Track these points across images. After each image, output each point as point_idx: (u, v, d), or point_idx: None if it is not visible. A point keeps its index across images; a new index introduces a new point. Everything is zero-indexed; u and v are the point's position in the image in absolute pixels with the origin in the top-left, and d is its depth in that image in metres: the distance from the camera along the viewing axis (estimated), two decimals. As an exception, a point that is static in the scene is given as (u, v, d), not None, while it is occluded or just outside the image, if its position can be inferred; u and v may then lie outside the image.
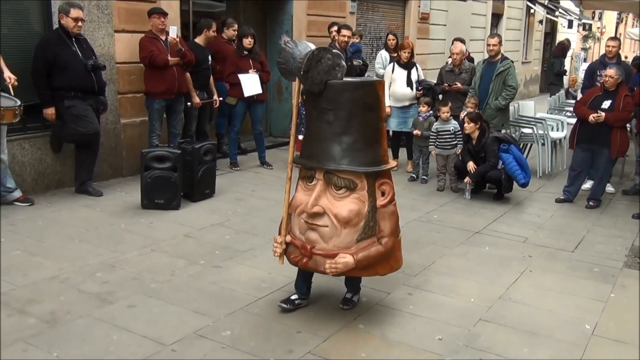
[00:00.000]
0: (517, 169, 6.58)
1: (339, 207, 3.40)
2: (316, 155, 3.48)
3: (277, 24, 9.76)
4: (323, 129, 3.45)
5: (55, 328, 3.52)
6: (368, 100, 3.46)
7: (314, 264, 3.50)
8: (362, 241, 3.46)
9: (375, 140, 3.52)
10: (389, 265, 3.64)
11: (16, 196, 5.83)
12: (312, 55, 3.37)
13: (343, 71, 3.46)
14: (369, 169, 3.45)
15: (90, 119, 6.12)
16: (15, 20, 6.12)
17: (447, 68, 8.27)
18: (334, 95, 3.41)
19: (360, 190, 3.44)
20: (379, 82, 3.61)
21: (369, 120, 3.47)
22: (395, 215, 3.60)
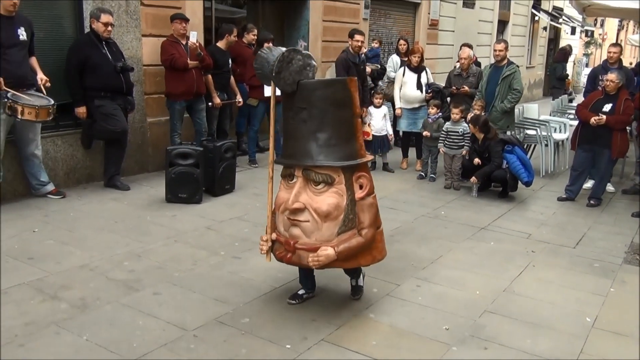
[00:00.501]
0: (521, 168, 6.54)
1: (318, 202, 3.33)
2: (294, 154, 3.42)
3: (294, 29, 9.75)
4: (299, 127, 3.38)
5: (85, 313, 3.54)
6: (339, 97, 3.36)
7: (298, 259, 3.43)
8: (343, 234, 3.38)
9: (350, 136, 3.42)
10: (371, 255, 3.56)
11: (49, 189, 5.88)
12: (283, 57, 3.31)
13: (314, 71, 3.40)
14: (344, 163, 3.36)
15: (118, 118, 6.15)
16: (49, 24, 6.16)
17: (456, 72, 8.23)
18: (307, 94, 3.34)
19: (338, 184, 3.37)
20: (349, 79, 3.47)
21: (341, 116, 3.38)
22: (374, 207, 3.51)
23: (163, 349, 3.18)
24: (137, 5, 6.81)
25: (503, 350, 3.36)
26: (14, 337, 3.21)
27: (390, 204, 6.38)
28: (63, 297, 3.73)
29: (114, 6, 6.48)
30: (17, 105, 5.15)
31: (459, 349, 3.35)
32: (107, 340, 3.23)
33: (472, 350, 3.35)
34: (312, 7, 9.58)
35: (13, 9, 5.25)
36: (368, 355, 3.23)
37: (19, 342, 3.17)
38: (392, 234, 5.34)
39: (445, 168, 7.32)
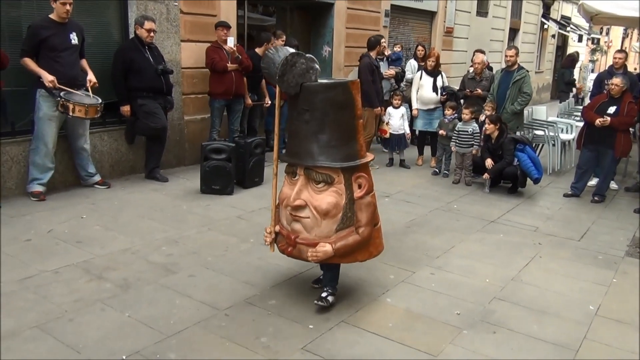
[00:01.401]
0: (531, 166, 6.44)
1: (318, 200, 3.24)
2: (297, 153, 3.31)
3: (319, 35, 9.72)
4: (302, 128, 3.27)
5: (127, 292, 3.58)
6: (340, 100, 3.22)
7: (298, 252, 3.36)
8: (341, 231, 3.29)
9: (350, 137, 3.28)
10: (368, 252, 3.45)
11: (96, 180, 5.95)
12: (286, 61, 3.19)
13: (317, 74, 3.28)
14: (343, 164, 3.25)
15: (159, 116, 6.19)
16: (98, 30, 6.23)
17: (469, 76, 8.13)
18: (309, 96, 3.22)
19: (338, 184, 3.26)
20: (352, 82, 3.30)
21: (342, 118, 3.24)
22: (371, 205, 3.37)
23: (197, 326, 3.20)
24: (177, 13, 6.84)
25: (511, 335, 3.32)
26: (64, 312, 3.27)
27: (406, 197, 6.34)
28: (108, 278, 3.78)
29: (156, 14, 6.52)
30: (69, 104, 5.22)
31: (469, 333, 3.31)
32: (147, 317, 3.27)
33: (482, 334, 3.31)
34: (336, 15, 9.52)
35: (66, 16, 5.31)
36: (385, 336, 3.21)
37: (69, 317, 3.22)
38: (408, 226, 5.30)
39: (456, 165, 7.25)
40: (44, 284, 3.61)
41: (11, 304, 3.32)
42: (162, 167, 6.62)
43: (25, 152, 5.46)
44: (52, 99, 5.28)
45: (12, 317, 3.18)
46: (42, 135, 5.36)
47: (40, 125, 5.36)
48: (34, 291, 3.51)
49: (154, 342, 3.00)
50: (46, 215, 4.94)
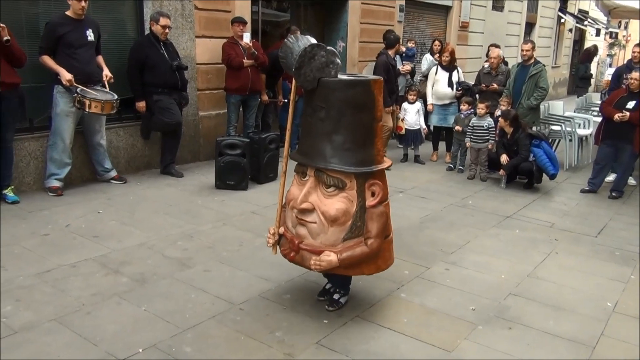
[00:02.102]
0: (548, 161, 6.39)
1: (327, 205, 3.02)
2: (309, 152, 3.10)
3: (333, 30, 9.69)
4: (316, 126, 3.06)
5: (143, 286, 3.61)
6: (360, 100, 3.01)
7: (301, 259, 3.15)
8: (349, 240, 3.06)
9: (367, 141, 3.07)
10: (375, 265, 3.21)
11: (112, 175, 6.01)
12: (305, 52, 2.95)
13: (337, 69, 3.04)
14: (357, 170, 3.02)
15: (174, 111, 6.23)
16: (113, 27, 6.27)
17: (485, 70, 8.06)
18: (326, 93, 3.00)
19: (350, 189, 3.04)
20: (374, 80, 3.07)
21: (360, 120, 3.02)
22: (384, 216, 3.13)
23: (212, 320, 3.22)
24: (192, 9, 6.87)
25: (527, 331, 3.30)
26: (81, 305, 3.31)
27: (420, 193, 6.32)
28: (124, 272, 3.81)
29: (171, 10, 6.55)
30: (85, 100, 5.27)
31: (484, 328, 3.29)
32: (163, 311, 3.29)
33: (497, 329, 3.29)
34: (350, 10, 9.50)
35: (82, 13, 5.35)
36: (400, 331, 3.21)
37: (87, 310, 3.26)
38: (422, 221, 5.28)
39: (471, 161, 7.20)
40: (61, 278, 3.66)
41: (30, 297, 3.37)
42: (177, 163, 6.66)
43: (43, 147, 5.52)
44: (69, 95, 5.33)
45: (31, 310, 3.23)
46: (59, 131, 5.42)
47: (57, 121, 5.42)
48: (52, 285, 3.56)
49: (169, 336, 3.02)
50: (63, 210, 5.00)
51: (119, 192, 5.67)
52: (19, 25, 5.27)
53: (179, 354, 2.86)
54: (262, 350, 2.94)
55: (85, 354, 2.82)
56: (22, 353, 2.80)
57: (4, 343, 2.88)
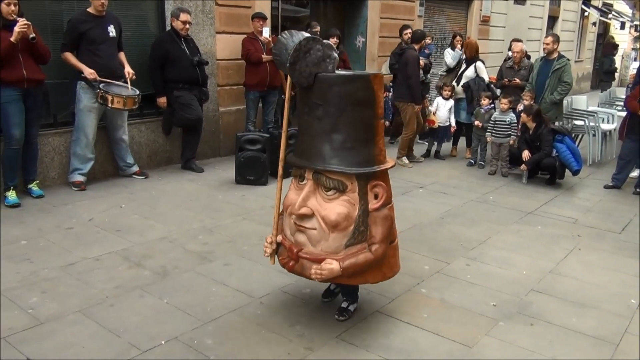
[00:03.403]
0: (571, 157, 6.30)
1: (327, 210, 2.83)
2: (306, 153, 2.90)
3: (353, 26, 9.67)
4: (313, 125, 2.86)
5: (165, 279, 3.66)
6: (360, 96, 2.82)
7: (301, 268, 2.94)
8: (352, 247, 2.87)
9: (369, 139, 2.88)
10: (381, 273, 3.03)
11: (134, 170, 6.08)
12: (300, 46, 2.77)
13: (334, 63, 2.85)
14: (359, 170, 2.82)
15: (194, 107, 6.27)
16: (135, 23, 6.34)
17: (507, 65, 7.96)
18: (324, 89, 2.81)
19: (351, 192, 2.84)
20: (374, 75, 2.89)
21: (361, 117, 2.84)
22: (388, 219, 2.94)
23: (233, 313, 3.25)
24: (212, 5, 6.91)
25: (549, 327, 3.26)
26: (105, 298, 3.36)
27: (441, 188, 6.28)
28: (146, 265, 3.87)
29: (192, 6, 6.60)
30: (108, 95, 5.34)
31: (505, 324, 3.27)
32: (185, 303, 3.33)
33: (519, 325, 3.27)
34: (370, 5, 9.46)
35: (102, 9, 5.42)
36: (420, 326, 3.20)
37: (110, 302, 3.31)
38: (443, 217, 5.25)
39: (492, 156, 7.14)
40: (85, 271, 3.72)
41: (55, 289, 3.44)
42: (198, 158, 6.72)
43: (67, 143, 5.61)
44: (92, 91, 5.41)
45: (56, 301, 3.29)
46: (82, 127, 5.50)
47: (80, 117, 5.50)
48: (76, 277, 3.62)
49: (191, 328, 3.06)
50: (87, 204, 5.08)
51: (141, 187, 5.73)
52: (42, 23, 5.36)
53: (201, 346, 2.90)
54: (282, 344, 2.96)
55: (109, 344, 2.87)
56: (49, 343, 2.86)
57: (31, 334, 2.94)
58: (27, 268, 3.72)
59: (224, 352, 2.86)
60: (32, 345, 2.84)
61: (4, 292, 3.37)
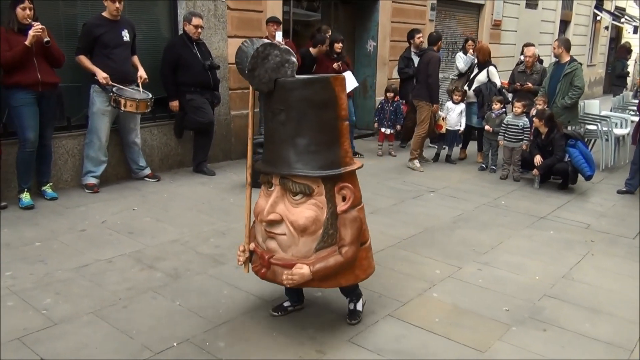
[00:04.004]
0: (584, 162, 6.26)
1: (295, 214, 2.80)
2: (272, 160, 2.88)
3: (364, 30, 9.69)
4: (277, 131, 2.84)
5: (177, 281, 3.68)
6: (321, 98, 2.79)
7: (273, 275, 2.91)
8: (322, 250, 2.84)
9: (333, 141, 2.84)
10: (353, 275, 2.99)
11: (146, 173, 6.12)
12: (257, 53, 2.75)
13: (293, 68, 2.85)
14: (324, 173, 2.79)
15: (206, 111, 6.31)
16: (148, 27, 6.40)
17: (519, 69, 7.93)
18: (284, 94, 2.79)
19: (318, 195, 2.82)
20: (334, 77, 2.86)
21: (323, 119, 2.80)
22: (357, 221, 2.90)
23: (245, 316, 3.26)
24: (224, 9, 6.95)
25: (562, 333, 3.24)
26: (118, 299, 3.38)
27: (452, 192, 6.26)
28: (158, 267, 3.89)
29: (204, 10, 6.65)
30: (121, 99, 5.39)
31: (518, 329, 3.25)
32: (197, 306, 3.34)
33: (532, 331, 3.25)
34: (381, 9, 9.48)
35: (117, 14, 5.48)
36: (431, 330, 3.19)
37: (123, 304, 3.33)
38: (454, 221, 5.24)
39: (504, 160, 7.11)
40: (98, 272, 3.75)
41: (69, 291, 3.47)
42: (209, 161, 6.74)
43: (80, 145, 5.66)
44: (105, 95, 5.46)
45: (70, 303, 3.32)
46: (95, 130, 5.55)
47: (94, 120, 5.55)
48: (89, 279, 3.65)
49: (203, 331, 3.07)
50: (100, 207, 5.12)
51: (153, 190, 5.77)
52: (57, 26, 5.42)
53: (213, 349, 2.91)
54: (294, 347, 2.97)
55: (122, 346, 2.89)
56: (63, 344, 2.88)
57: (45, 334, 2.97)
58: (41, 269, 3.76)
59: (235, 355, 2.87)
60: (46, 346, 2.86)
61: (19, 293, 3.41)
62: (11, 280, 3.57)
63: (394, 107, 8.08)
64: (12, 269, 3.74)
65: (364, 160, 7.68)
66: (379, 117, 8.20)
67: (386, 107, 8.10)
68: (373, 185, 6.42)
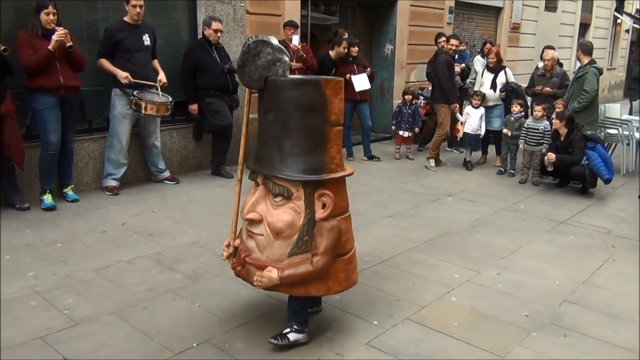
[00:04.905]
0: (602, 165, 6.16)
1: (273, 216, 2.75)
2: (259, 158, 2.86)
3: (381, 33, 9.68)
4: (266, 129, 2.81)
5: (196, 283, 3.70)
6: (309, 101, 2.69)
7: (246, 274, 2.90)
8: (295, 256, 2.76)
9: (317, 146, 2.74)
10: (325, 286, 2.86)
11: (165, 175, 6.18)
12: (248, 49, 2.71)
13: (285, 67, 2.75)
14: (304, 178, 2.71)
15: (225, 114, 6.35)
16: (168, 31, 6.46)
17: (539, 72, 7.84)
18: (274, 93, 2.74)
19: (297, 200, 2.74)
20: (326, 80, 2.75)
21: (310, 123, 2.71)
22: (334, 231, 2.77)
23: (263, 317, 3.28)
24: (243, 14, 7.00)
25: (583, 339, 3.20)
26: (138, 300, 3.42)
27: (470, 197, 6.22)
28: (178, 269, 3.92)
29: (223, 14, 6.70)
30: (142, 102, 5.45)
31: (538, 335, 3.22)
32: (216, 307, 3.37)
33: (552, 336, 3.21)
34: (399, 12, 9.46)
35: (138, 18, 5.55)
36: (450, 334, 3.17)
37: (143, 305, 3.37)
38: (473, 225, 5.20)
39: (523, 164, 7.04)
40: (119, 273, 3.79)
41: (90, 291, 3.51)
42: (228, 164, 6.77)
43: (101, 148, 5.74)
44: (126, 98, 5.53)
45: (91, 303, 3.36)
46: (116, 133, 5.62)
47: (114, 123, 5.62)
48: (110, 280, 3.69)
49: (222, 332, 3.09)
50: (120, 209, 5.18)
51: (172, 192, 5.82)
52: (79, 31, 5.51)
53: (232, 350, 2.92)
54: (313, 349, 2.97)
55: (142, 346, 2.92)
56: (84, 344, 2.92)
57: (67, 334, 3.01)
58: (63, 270, 3.81)
59: (254, 356, 2.88)
60: (68, 345, 2.90)
61: (41, 293, 3.46)
62: (34, 281, 3.63)
63: (411, 110, 8.06)
64: (35, 269, 3.80)
65: (381, 163, 7.70)
66: (396, 120, 8.19)
67: (404, 110, 8.08)
68: (390, 188, 6.41)
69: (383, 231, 4.89)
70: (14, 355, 2.80)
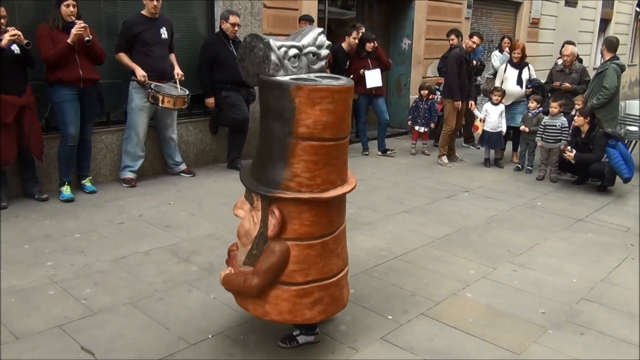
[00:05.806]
0: (622, 163, 6.07)
1: (242, 220, 2.70)
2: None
3: (399, 28, 9.62)
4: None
5: (212, 275, 3.72)
6: (276, 107, 2.46)
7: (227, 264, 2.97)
8: (247, 266, 2.64)
9: (278, 159, 2.49)
10: (262, 309, 2.64)
11: (182, 168, 6.21)
12: (246, 43, 2.58)
13: (271, 67, 2.52)
14: (254, 188, 2.56)
15: (241, 107, 6.36)
16: (185, 25, 6.48)
17: (558, 68, 7.73)
18: (260, 92, 2.63)
19: (257, 210, 2.60)
20: (297, 87, 2.40)
21: (272, 131, 2.49)
22: (274, 256, 2.53)
23: (278, 311, 3.28)
24: (261, 8, 7.00)
25: (600, 337, 3.17)
26: (154, 291, 3.45)
27: (487, 193, 6.17)
28: (194, 261, 3.95)
29: (241, 8, 6.70)
30: (159, 95, 5.48)
31: (555, 333, 3.19)
32: (231, 299, 3.33)
33: (569, 334, 3.18)
34: (417, 7, 9.39)
35: (155, 12, 5.57)
36: (465, 331, 3.16)
37: (159, 296, 3.40)
38: (489, 221, 5.16)
39: (541, 161, 6.96)
40: (136, 264, 3.83)
41: (107, 282, 3.55)
42: (243, 158, 6.77)
43: (119, 140, 5.79)
44: (144, 91, 5.56)
45: (108, 293, 3.40)
46: (134, 125, 5.66)
47: (132, 116, 5.66)
48: (127, 270, 3.73)
49: (237, 324, 3.11)
50: (137, 201, 5.22)
51: (188, 185, 5.85)
52: (98, 24, 5.54)
53: (246, 342, 2.94)
54: (327, 343, 2.97)
55: (159, 337, 2.95)
56: (101, 333, 2.96)
57: (85, 323, 3.05)
58: (81, 260, 3.86)
59: (268, 349, 2.89)
60: (85, 334, 2.94)
61: (60, 283, 3.51)
62: (52, 270, 3.68)
63: (428, 105, 8.00)
64: (53, 259, 3.85)
65: (397, 158, 7.67)
66: (412, 115, 8.14)
67: (420, 106, 8.03)
68: (406, 183, 6.38)
69: (398, 226, 4.87)
70: (33, 342, 2.85)
